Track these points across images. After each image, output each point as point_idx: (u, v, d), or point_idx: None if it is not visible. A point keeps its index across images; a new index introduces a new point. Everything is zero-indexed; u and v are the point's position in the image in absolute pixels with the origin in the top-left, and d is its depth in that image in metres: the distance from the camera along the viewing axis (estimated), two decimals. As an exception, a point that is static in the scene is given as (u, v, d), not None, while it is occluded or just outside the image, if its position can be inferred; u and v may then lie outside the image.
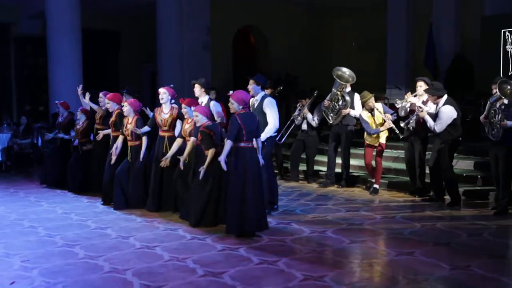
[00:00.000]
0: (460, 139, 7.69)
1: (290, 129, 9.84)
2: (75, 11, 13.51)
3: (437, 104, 7.63)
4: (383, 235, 6.34)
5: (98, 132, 8.73)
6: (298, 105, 9.71)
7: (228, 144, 6.18)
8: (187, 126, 7.16)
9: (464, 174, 8.69)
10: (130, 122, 7.81)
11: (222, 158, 6.16)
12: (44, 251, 5.74)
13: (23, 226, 6.90)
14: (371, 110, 8.52)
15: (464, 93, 12.12)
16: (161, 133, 7.58)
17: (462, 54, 13.32)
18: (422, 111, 7.71)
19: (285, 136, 9.76)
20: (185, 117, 7.20)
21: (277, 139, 8.67)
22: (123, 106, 8.02)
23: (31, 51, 16.69)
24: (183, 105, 7.19)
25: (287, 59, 17.21)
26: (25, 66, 16.79)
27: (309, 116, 9.48)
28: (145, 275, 4.93)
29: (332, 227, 6.62)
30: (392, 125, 8.34)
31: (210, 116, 6.88)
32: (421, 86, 8.00)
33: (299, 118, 9.59)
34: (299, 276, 4.86)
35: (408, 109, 8.08)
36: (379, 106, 8.55)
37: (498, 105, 7.00)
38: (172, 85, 8.90)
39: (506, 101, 6.96)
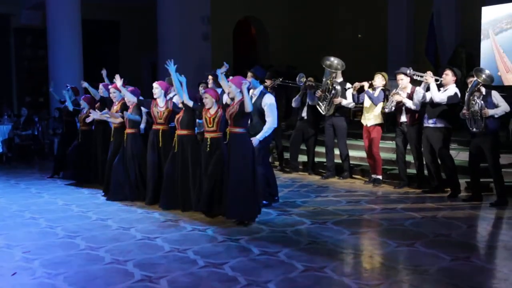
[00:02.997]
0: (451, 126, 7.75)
1: (290, 84, 9.81)
2: (75, 1, 13.47)
3: (444, 85, 7.67)
4: (384, 226, 6.35)
5: (88, 115, 8.76)
6: (308, 79, 9.60)
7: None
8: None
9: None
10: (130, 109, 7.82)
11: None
12: (45, 242, 5.76)
13: (24, 217, 6.91)
14: (373, 88, 8.53)
15: (465, 85, 12.09)
16: (155, 126, 7.50)
17: (463, 44, 13.28)
18: (432, 77, 7.66)
19: (285, 84, 9.89)
20: (180, 106, 7.19)
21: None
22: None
23: (31, 42, 16.66)
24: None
25: (287, 51, 17.16)
26: (25, 57, 16.77)
27: (309, 92, 9.36)
28: (146, 266, 4.94)
29: (333, 218, 6.63)
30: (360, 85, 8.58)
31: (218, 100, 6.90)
32: (402, 79, 8.02)
33: (302, 85, 9.44)
34: (300, 267, 4.87)
35: (393, 108, 8.10)
36: (378, 90, 8.53)
37: (476, 96, 7.05)
38: (167, 78, 8.87)
39: (484, 92, 7.05)
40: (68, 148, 9.58)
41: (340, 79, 9.03)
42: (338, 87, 8.86)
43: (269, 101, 7.02)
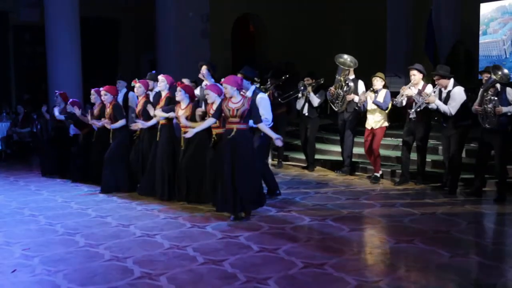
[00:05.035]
0: (471, 123, 7.62)
1: (293, 96, 9.74)
2: (73, -2, 13.44)
3: (444, 88, 7.61)
4: (383, 223, 6.36)
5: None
6: (304, 81, 9.59)
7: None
8: (181, 112, 7.16)
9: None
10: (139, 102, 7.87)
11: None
12: (44, 239, 5.76)
13: (23, 214, 6.91)
14: (375, 91, 8.51)
15: (464, 81, 12.10)
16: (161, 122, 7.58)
17: (462, 41, 13.27)
18: (429, 96, 7.59)
19: (288, 99, 9.79)
20: (178, 98, 7.21)
21: (280, 99, 9.54)
22: (134, 87, 8.08)
23: (30, 40, 16.63)
24: (178, 88, 7.20)
25: (286, 48, 17.14)
26: (24, 54, 16.74)
27: (312, 94, 9.41)
28: (145, 263, 4.95)
29: (332, 215, 6.63)
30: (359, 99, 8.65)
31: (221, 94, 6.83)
32: (415, 75, 8.00)
33: (302, 94, 9.48)
34: (299, 264, 4.87)
35: (404, 102, 8.08)
36: (383, 92, 8.51)
37: (490, 92, 7.01)
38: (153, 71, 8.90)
39: (498, 88, 6.99)
40: (54, 153, 9.61)
41: (352, 76, 9.04)
42: (351, 84, 8.89)
43: (261, 99, 7.06)
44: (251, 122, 6.54)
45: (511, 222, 6.50)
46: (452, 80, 7.65)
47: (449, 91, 7.57)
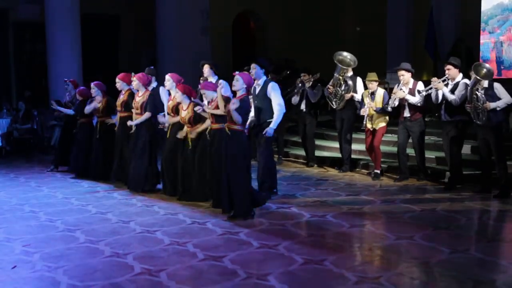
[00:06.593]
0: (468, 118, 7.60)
1: (293, 93, 9.75)
2: (73, -5, 13.43)
3: (452, 79, 7.59)
4: (383, 219, 6.37)
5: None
6: (301, 77, 9.58)
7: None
8: (184, 113, 7.16)
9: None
10: (140, 96, 7.85)
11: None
12: (45, 235, 5.76)
13: (23, 211, 6.92)
14: (371, 93, 8.49)
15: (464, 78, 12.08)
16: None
17: (463, 38, 13.25)
18: (439, 82, 7.56)
19: (288, 96, 9.68)
20: (178, 100, 7.22)
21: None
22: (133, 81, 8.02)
23: (30, 37, 16.63)
24: (175, 90, 7.23)
25: (286, 44, 17.15)
26: (24, 51, 16.74)
27: (309, 90, 9.42)
28: (145, 259, 4.95)
29: (332, 211, 6.63)
30: (366, 113, 8.41)
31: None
32: (403, 75, 8.03)
33: (300, 89, 9.48)
34: (299, 260, 4.88)
35: (397, 103, 8.09)
36: (381, 92, 8.50)
37: (479, 89, 7.01)
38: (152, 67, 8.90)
39: (486, 85, 7.00)
40: (69, 140, 9.56)
41: (350, 73, 9.02)
42: (350, 82, 8.87)
43: (274, 88, 7.12)
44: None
45: (511, 218, 6.51)
46: (461, 73, 7.66)
47: (457, 82, 7.58)
